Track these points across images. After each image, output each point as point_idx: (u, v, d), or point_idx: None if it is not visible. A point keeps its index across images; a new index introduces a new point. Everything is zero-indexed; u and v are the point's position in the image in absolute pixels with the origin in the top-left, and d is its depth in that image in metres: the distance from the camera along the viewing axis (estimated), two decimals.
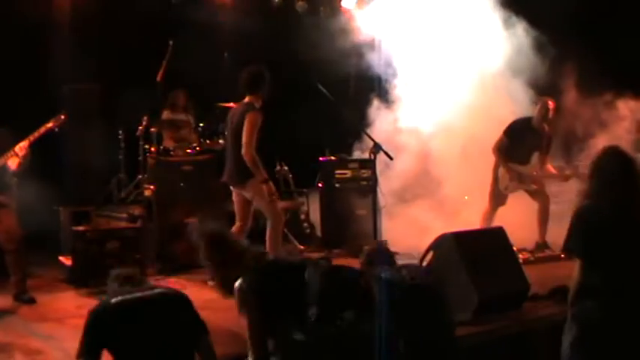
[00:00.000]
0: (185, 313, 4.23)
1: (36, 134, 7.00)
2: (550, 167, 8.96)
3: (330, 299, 4.17)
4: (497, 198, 8.90)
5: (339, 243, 9.39)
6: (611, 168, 4.23)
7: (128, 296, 4.09)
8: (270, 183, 7.45)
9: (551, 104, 8.75)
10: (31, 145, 6.96)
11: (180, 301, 4.27)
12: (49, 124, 7.10)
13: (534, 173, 8.84)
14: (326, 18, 11.42)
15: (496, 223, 8.41)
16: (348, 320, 4.08)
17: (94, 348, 4.00)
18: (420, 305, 4.45)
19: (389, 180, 9.45)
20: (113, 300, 4.06)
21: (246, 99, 7.55)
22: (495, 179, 8.91)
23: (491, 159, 8.96)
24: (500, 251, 6.54)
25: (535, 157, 8.88)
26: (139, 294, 4.13)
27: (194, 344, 4.21)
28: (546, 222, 8.73)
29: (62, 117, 7.27)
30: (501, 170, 8.85)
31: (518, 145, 8.81)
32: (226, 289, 4.74)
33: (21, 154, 6.88)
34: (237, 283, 4.69)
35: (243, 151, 7.24)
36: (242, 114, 7.40)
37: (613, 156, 4.31)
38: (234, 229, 7.64)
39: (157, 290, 4.28)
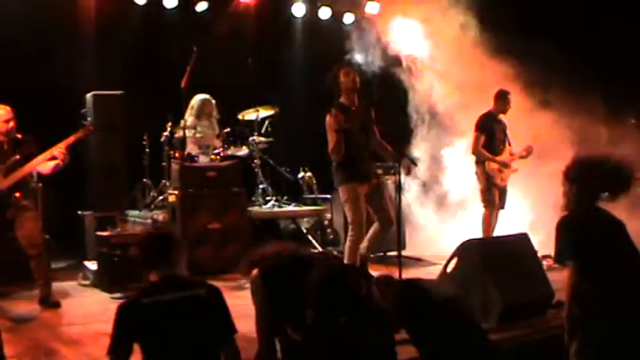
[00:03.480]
0: (216, 313, 4.19)
1: (67, 141, 6.94)
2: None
3: (327, 303, 4.10)
4: (491, 201, 8.92)
5: None
6: (596, 176, 4.24)
7: (159, 297, 4.04)
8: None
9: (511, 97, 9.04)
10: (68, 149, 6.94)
11: (213, 301, 4.21)
12: (79, 134, 7.11)
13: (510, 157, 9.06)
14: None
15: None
16: (344, 325, 4.01)
17: (125, 341, 3.99)
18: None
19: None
20: (144, 300, 4.02)
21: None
22: (485, 181, 8.92)
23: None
24: (525, 257, 6.49)
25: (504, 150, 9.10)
26: (170, 295, 4.07)
27: (221, 343, 4.20)
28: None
29: (91, 128, 7.30)
30: (490, 167, 8.88)
31: (492, 138, 8.96)
32: None
33: (60, 157, 6.83)
34: (253, 272, 4.70)
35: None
36: None
37: (595, 165, 4.30)
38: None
39: (189, 292, 4.18)
